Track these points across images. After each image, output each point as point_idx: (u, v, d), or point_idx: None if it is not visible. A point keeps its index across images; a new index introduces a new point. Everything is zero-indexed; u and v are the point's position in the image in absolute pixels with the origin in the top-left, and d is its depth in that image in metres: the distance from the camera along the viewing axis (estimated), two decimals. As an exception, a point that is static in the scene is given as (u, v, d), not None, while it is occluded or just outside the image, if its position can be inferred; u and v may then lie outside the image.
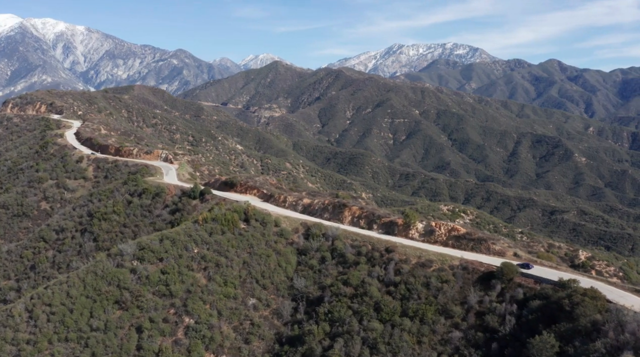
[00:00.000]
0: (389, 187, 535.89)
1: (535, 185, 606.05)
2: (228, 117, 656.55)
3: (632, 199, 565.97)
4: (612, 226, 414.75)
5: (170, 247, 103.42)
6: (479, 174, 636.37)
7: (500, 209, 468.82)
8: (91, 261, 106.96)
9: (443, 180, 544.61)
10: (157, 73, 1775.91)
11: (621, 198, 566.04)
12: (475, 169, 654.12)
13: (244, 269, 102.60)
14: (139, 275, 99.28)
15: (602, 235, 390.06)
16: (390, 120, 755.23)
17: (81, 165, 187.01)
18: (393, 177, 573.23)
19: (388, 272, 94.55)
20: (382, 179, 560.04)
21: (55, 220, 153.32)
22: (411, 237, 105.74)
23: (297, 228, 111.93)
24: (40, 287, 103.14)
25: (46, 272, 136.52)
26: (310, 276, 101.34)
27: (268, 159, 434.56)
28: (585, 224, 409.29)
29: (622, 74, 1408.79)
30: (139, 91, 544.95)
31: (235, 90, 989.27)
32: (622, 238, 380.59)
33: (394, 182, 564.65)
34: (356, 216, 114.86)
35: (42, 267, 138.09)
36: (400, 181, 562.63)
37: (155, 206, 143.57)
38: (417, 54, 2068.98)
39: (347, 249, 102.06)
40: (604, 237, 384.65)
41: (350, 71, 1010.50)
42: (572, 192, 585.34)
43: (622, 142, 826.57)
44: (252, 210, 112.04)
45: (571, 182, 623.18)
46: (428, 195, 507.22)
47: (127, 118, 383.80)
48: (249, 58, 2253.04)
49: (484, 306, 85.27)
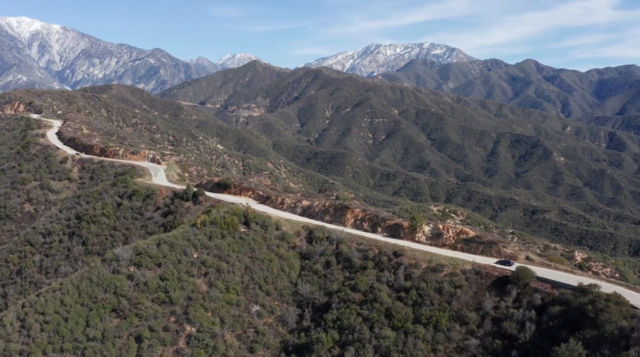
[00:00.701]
0: (370, 187, 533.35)
1: (515, 184, 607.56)
2: (207, 116, 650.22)
3: (611, 198, 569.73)
4: (594, 225, 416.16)
5: (168, 252, 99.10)
6: (459, 173, 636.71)
7: (482, 209, 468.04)
8: (85, 267, 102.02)
9: (424, 180, 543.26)
10: (134, 72, 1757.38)
11: (600, 197, 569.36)
12: (455, 168, 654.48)
13: (246, 274, 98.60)
14: (137, 281, 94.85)
15: (584, 235, 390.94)
16: (370, 119, 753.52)
17: (66, 166, 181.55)
18: (374, 177, 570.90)
19: (398, 277, 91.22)
20: (363, 179, 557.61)
21: (42, 223, 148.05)
22: (418, 240, 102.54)
23: (298, 231, 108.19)
24: (32, 295, 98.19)
25: (33, 277, 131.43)
26: (315, 281, 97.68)
27: (250, 159, 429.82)
28: (567, 224, 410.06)
29: (598, 74, 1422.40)
30: (117, 90, 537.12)
31: (214, 89, 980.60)
32: (604, 238, 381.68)
33: (374, 182, 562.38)
34: (359, 219, 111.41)
35: (29, 272, 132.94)
36: (381, 180, 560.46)
37: (146, 208, 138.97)
38: (395, 53, 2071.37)
39: (353, 253, 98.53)
40: (586, 237, 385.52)
41: (329, 71, 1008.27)
42: (551, 191, 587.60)
43: (599, 141, 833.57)
44: (252, 213, 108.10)
45: (550, 182, 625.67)
46: (409, 195, 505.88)
47: (106, 118, 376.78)
48: (226, 57, 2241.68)
49: (500, 311, 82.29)
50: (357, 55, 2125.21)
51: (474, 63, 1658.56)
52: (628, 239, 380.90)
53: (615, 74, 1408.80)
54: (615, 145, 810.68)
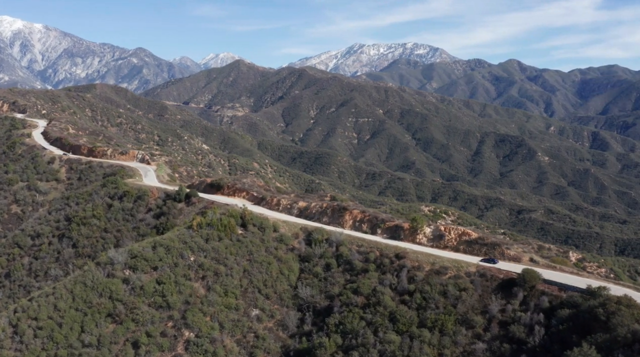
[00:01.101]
0: (355, 186, 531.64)
1: (500, 184, 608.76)
2: (192, 116, 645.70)
3: (596, 198, 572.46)
4: (579, 224, 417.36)
5: (164, 255, 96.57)
6: (444, 173, 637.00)
7: (468, 209, 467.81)
8: (79, 271, 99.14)
9: (410, 180, 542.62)
10: (117, 72, 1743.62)
11: (584, 197, 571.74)
12: (440, 168, 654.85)
13: (244, 277, 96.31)
14: (133, 285, 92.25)
15: (570, 234, 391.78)
16: (355, 119, 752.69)
17: (53, 166, 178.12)
18: (359, 176, 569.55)
19: (401, 280, 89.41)
20: (348, 179, 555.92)
21: (30, 225, 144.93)
22: (419, 242, 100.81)
23: (297, 233, 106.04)
24: (24, 300, 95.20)
25: (22, 281, 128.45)
26: (316, 284, 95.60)
27: (235, 159, 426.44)
28: (553, 223, 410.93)
29: (580, 74, 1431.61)
30: (101, 90, 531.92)
31: (197, 89, 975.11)
32: (590, 237, 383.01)
33: (360, 181, 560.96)
34: (358, 220, 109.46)
35: (18, 275, 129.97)
36: (367, 180, 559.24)
37: (137, 210, 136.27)
38: (378, 53, 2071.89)
39: (354, 256, 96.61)
40: (572, 237, 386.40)
41: (314, 70, 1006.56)
42: (536, 191, 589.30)
43: (583, 141, 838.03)
44: (249, 214, 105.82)
45: (535, 181, 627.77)
46: (395, 194, 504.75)
47: (91, 117, 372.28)
48: (210, 57, 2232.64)
49: (507, 315, 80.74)
50: (341, 55, 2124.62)
51: (457, 63, 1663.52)
52: (614, 239, 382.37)
53: (597, 74, 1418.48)
54: (599, 145, 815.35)
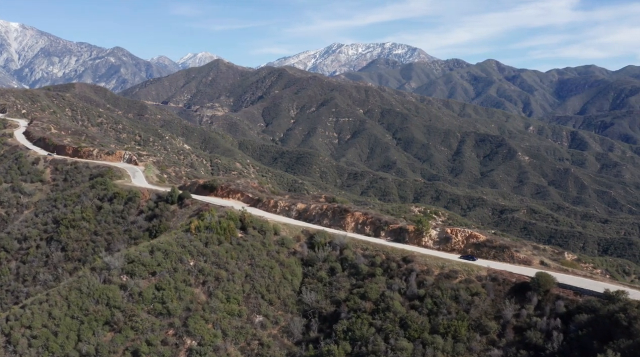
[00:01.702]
0: (337, 186, 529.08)
1: (481, 184, 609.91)
2: (172, 116, 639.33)
3: (576, 197, 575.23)
4: (562, 224, 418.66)
5: (163, 260, 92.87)
6: (425, 173, 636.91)
7: (450, 208, 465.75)
8: (73, 276, 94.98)
9: (392, 179, 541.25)
10: (94, 71, 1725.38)
11: (565, 196, 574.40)
12: (421, 168, 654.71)
13: (246, 282, 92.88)
14: (131, 292, 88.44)
15: (553, 234, 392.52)
16: (335, 119, 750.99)
17: (38, 167, 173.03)
18: (341, 176, 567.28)
19: (410, 285, 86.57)
20: (330, 179, 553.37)
21: (16, 227, 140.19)
22: (425, 245, 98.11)
23: (298, 236, 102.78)
24: (16, 307, 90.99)
25: (10, 286, 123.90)
26: (320, 289, 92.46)
27: (218, 159, 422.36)
28: (536, 223, 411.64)
29: (558, 74, 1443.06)
30: (80, 89, 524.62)
31: (176, 88, 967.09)
32: (573, 236, 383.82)
33: (342, 181, 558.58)
34: (360, 222, 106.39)
35: (5, 280, 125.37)
36: (349, 180, 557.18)
37: (129, 212, 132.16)
38: (357, 53, 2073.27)
39: (359, 259, 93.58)
40: (555, 236, 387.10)
41: (293, 70, 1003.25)
42: (517, 190, 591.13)
43: (562, 141, 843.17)
44: (249, 217, 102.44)
45: (515, 181, 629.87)
46: (377, 194, 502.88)
47: (71, 117, 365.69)
48: (188, 56, 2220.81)
49: (522, 320, 78.27)
50: (319, 54, 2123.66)
51: (435, 63, 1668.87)
52: (597, 238, 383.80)
53: (575, 74, 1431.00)
54: (577, 145, 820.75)
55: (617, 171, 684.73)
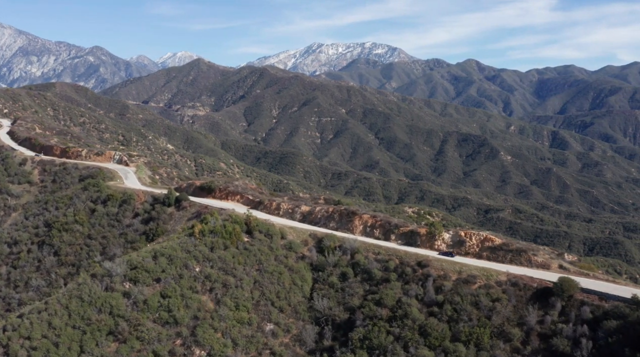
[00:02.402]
0: (321, 186, 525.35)
1: (464, 183, 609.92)
2: (154, 115, 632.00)
3: (559, 197, 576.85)
4: (547, 223, 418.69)
5: (167, 266, 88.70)
6: (408, 172, 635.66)
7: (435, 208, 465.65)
8: (73, 284, 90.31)
9: (376, 179, 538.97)
10: (73, 70, 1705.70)
11: (547, 196, 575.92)
12: (404, 168, 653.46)
13: (255, 289, 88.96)
14: (135, 300, 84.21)
15: (539, 233, 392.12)
16: (317, 119, 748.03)
17: (25, 168, 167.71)
18: (325, 176, 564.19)
19: (427, 291, 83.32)
20: (314, 179, 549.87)
21: (6, 231, 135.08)
22: (437, 248, 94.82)
23: (306, 240, 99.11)
24: (13, 316, 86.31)
25: (0, 292, 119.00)
26: (332, 295, 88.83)
27: (202, 159, 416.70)
28: (522, 223, 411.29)
29: (537, 74, 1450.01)
30: (60, 89, 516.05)
31: (157, 88, 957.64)
32: (559, 236, 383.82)
33: (326, 181, 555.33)
34: (369, 225, 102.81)
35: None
36: (333, 180, 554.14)
37: (124, 215, 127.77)
38: (337, 53, 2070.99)
39: (372, 264, 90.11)
40: (541, 235, 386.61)
41: (275, 69, 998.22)
42: (500, 190, 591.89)
43: (543, 140, 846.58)
44: (255, 220, 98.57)
45: (498, 180, 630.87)
46: (362, 194, 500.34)
47: (53, 116, 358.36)
48: (167, 56, 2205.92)
49: (546, 327, 75.36)
50: (300, 54, 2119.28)
51: (416, 63, 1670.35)
52: (582, 237, 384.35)
53: (554, 74, 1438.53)
54: (558, 144, 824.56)
55: (599, 171, 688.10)
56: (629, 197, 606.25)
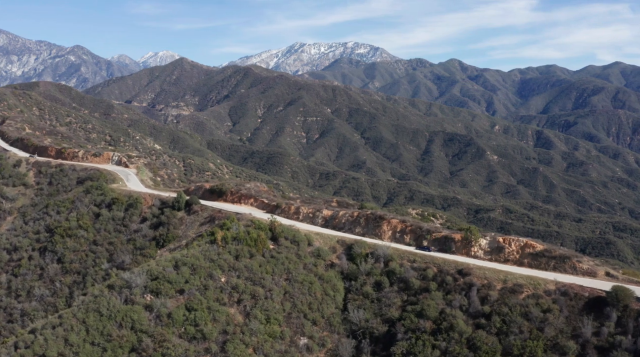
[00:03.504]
0: (310, 186, 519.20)
1: (451, 183, 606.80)
2: (139, 115, 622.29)
3: (546, 196, 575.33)
4: (538, 223, 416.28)
5: (190, 276, 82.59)
6: (395, 172, 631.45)
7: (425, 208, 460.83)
8: (88, 296, 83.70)
9: (364, 179, 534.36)
10: (54, 70, 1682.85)
11: (535, 195, 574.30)
12: (391, 167, 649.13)
13: (286, 300, 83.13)
14: (158, 313, 77.94)
15: (530, 233, 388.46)
16: (303, 118, 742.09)
17: (20, 170, 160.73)
18: (313, 176, 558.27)
19: (472, 301, 78.16)
20: (302, 179, 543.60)
21: (4, 236, 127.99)
22: (474, 255, 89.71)
23: (334, 247, 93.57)
24: (25, 332, 79.87)
25: (1, 302, 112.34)
26: (368, 306, 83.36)
27: (191, 160, 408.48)
28: (513, 223, 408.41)
29: (520, 73, 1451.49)
30: (44, 88, 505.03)
31: (140, 87, 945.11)
32: (551, 236, 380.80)
33: (314, 181, 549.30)
34: (398, 231, 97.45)
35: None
36: (321, 180, 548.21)
37: (130, 219, 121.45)
38: (319, 52, 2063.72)
39: (409, 273, 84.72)
40: (532, 235, 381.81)
41: (259, 69, 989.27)
42: (487, 189, 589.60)
43: (527, 140, 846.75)
44: (279, 226, 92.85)
45: (485, 180, 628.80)
46: (350, 194, 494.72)
47: (39, 116, 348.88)
48: (148, 55, 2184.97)
49: (603, 339, 70.69)
50: (282, 54, 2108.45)
51: (399, 62, 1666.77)
52: (574, 237, 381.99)
53: (536, 73, 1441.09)
54: (543, 144, 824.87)
55: (584, 170, 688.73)
56: (615, 196, 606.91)
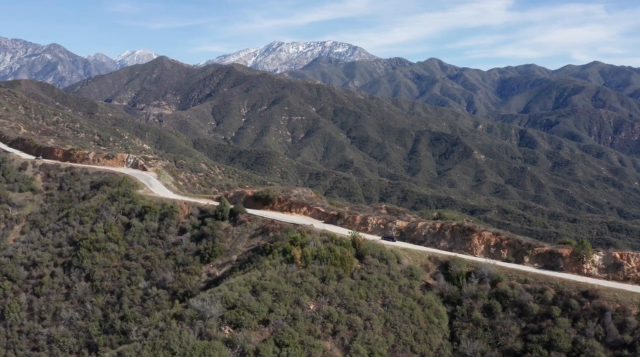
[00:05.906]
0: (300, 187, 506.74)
1: (439, 183, 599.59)
2: (123, 114, 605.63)
3: (535, 196, 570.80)
4: (535, 224, 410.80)
5: (274, 304, 69.86)
6: (382, 172, 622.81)
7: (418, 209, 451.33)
8: (151, 329, 70.57)
9: (356, 179, 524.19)
10: (30, 68, 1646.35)
11: (523, 195, 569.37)
12: (378, 167, 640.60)
13: (387, 330, 70.67)
14: (242, 350, 64.70)
15: (528, 234, 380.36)
16: (288, 117, 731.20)
17: (26, 173, 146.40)
18: (302, 176, 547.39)
19: (609, 329, 66.76)
20: (291, 179, 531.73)
21: (21, 250, 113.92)
22: (587, 273, 78.35)
23: (426, 265, 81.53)
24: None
25: (22, 325, 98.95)
26: (480, 335, 71.53)
27: (182, 160, 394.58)
28: (510, 223, 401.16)
29: (499, 73, 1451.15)
30: (26, 86, 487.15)
31: (120, 86, 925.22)
32: (549, 237, 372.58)
33: (304, 181, 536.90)
34: (492, 245, 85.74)
35: (14, 318, 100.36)
36: (311, 180, 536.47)
37: (167, 230, 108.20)
38: (297, 51, 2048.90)
39: (524, 295, 72.98)
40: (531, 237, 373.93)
41: (242, 67, 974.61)
42: (476, 189, 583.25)
43: (511, 139, 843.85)
44: (364, 242, 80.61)
45: (473, 180, 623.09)
46: (342, 195, 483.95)
47: (25, 115, 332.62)
48: (126, 54, 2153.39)
49: None
50: (260, 52, 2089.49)
51: (378, 61, 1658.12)
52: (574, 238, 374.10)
53: (516, 73, 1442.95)
54: (527, 143, 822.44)
55: (570, 169, 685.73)
56: (602, 195, 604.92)
